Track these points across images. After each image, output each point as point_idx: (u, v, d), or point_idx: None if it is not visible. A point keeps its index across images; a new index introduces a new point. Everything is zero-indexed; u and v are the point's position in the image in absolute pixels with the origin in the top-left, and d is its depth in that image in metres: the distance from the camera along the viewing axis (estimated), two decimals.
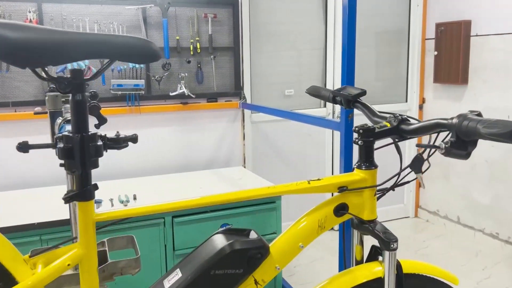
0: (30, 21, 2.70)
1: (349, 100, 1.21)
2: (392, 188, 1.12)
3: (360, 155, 1.08)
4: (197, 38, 3.13)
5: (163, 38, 3.03)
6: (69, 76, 0.85)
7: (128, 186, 2.78)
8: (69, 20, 2.81)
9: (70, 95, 0.84)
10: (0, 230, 1.31)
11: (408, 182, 1.12)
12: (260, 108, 3.26)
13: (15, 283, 0.83)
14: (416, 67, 3.92)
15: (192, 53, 3.13)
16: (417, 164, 1.01)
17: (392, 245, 1.05)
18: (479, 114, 0.89)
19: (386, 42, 3.88)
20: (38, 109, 2.82)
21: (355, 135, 1.06)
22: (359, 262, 1.17)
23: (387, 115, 1.11)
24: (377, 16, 3.80)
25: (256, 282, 1.01)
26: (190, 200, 0.94)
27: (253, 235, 1.03)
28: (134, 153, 3.10)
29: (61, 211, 2.29)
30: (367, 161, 1.07)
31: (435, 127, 0.95)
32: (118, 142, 0.91)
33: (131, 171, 3.09)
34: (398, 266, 1.11)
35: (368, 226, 1.08)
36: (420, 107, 3.98)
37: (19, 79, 2.77)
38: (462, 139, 0.88)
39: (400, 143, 1.11)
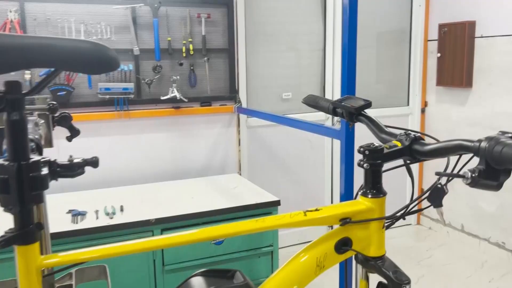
0: (11, 21, 2.52)
1: (352, 113, 1.04)
2: (403, 216, 0.95)
3: (366, 181, 0.90)
4: (189, 39, 2.95)
5: (153, 39, 2.85)
6: (2, 89, 0.67)
7: (117, 195, 2.60)
8: (53, 21, 2.63)
9: (5, 113, 0.67)
10: None
11: (420, 210, 0.94)
12: (256, 113, 3.08)
13: None
14: (418, 69, 3.74)
15: (184, 55, 2.95)
16: (437, 196, 0.83)
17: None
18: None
19: (387, 43, 3.70)
20: None
21: (359, 156, 0.88)
22: None
23: (398, 131, 0.94)
24: (377, 16, 3.62)
25: None
26: (159, 239, 0.77)
27: (238, 278, 0.85)
28: (124, 160, 2.92)
29: None
30: (374, 187, 0.90)
31: (457, 150, 0.78)
32: (72, 169, 0.74)
33: (121, 179, 2.91)
34: None
35: (375, 263, 0.91)
36: (422, 111, 3.81)
37: None
38: (493, 167, 0.71)
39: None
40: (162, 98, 2.91)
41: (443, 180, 0.85)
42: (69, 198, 2.56)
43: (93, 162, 0.78)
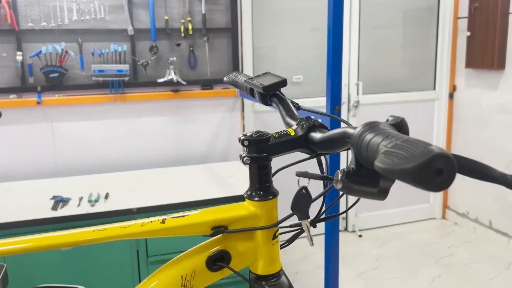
0: (0, 1, 2.45)
1: (263, 94, 0.83)
2: (306, 227, 0.73)
3: (251, 180, 0.70)
4: (188, 18, 2.78)
5: (149, 19, 2.70)
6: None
7: (107, 182, 2.50)
8: (44, 0, 2.53)
9: None
10: None
11: (335, 216, 0.73)
12: None
13: None
14: (446, 50, 3.37)
15: (183, 35, 2.78)
16: (300, 205, 0.61)
17: None
18: (400, 124, 0.48)
19: (414, 22, 3.36)
20: (13, 96, 2.59)
21: (241, 149, 0.68)
22: None
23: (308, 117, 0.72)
24: None
25: None
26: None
27: None
28: (119, 145, 2.82)
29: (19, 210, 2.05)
30: (261, 187, 0.69)
31: (342, 139, 0.56)
32: None
33: (116, 165, 2.81)
34: None
35: (264, 284, 0.71)
36: (451, 96, 3.44)
37: None
38: (368, 168, 0.49)
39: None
40: (159, 80, 2.76)
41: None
42: (60, 183, 2.49)
43: None
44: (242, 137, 0.68)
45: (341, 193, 0.59)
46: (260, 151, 0.67)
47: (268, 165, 0.69)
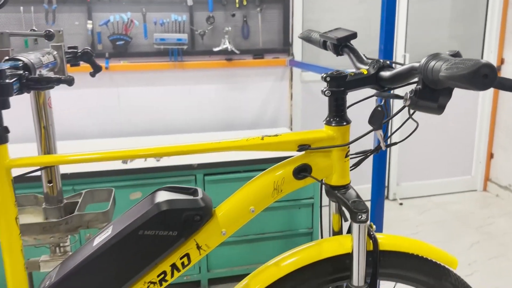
0: None
1: (336, 45, 1.01)
2: (376, 150, 0.92)
3: (329, 109, 0.89)
4: None
5: None
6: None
7: (167, 142, 2.76)
8: None
9: None
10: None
11: (395, 144, 0.91)
12: (309, 66, 3.03)
13: None
14: (496, 22, 3.41)
15: (237, 5, 2.97)
16: (376, 118, 0.79)
17: (360, 216, 0.86)
18: (457, 54, 0.66)
19: None
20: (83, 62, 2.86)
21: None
22: (336, 234, 1.00)
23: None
24: None
25: (198, 247, 0.89)
26: (132, 150, 0.83)
27: (198, 194, 0.90)
28: (176, 110, 3.06)
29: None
30: (338, 115, 0.88)
31: (410, 73, 0.74)
32: (40, 82, 0.82)
33: (172, 128, 3.07)
34: (375, 242, 0.92)
35: (336, 192, 0.91)
36: (498, 69, 3.49)
37: (65, 32, 2.80)
38: (431, 87, 0.67)
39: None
40: (215, 49, 2.97)
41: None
42: (125, 142, 2.77)
43: (67, 81, 0.85)
44: (324, 75, 0.87)
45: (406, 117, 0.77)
46: (338, 86, 0.86)
47: (344, 97, 0.88)
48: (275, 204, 2.49)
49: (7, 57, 0.96)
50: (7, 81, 0.76)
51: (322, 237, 1.00)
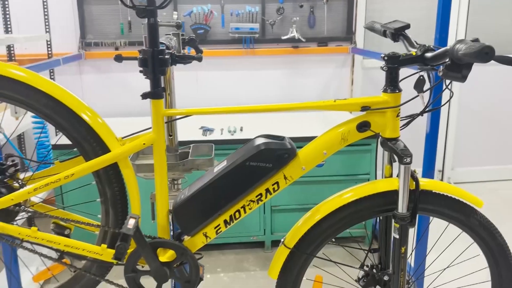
0: None
1: (393, 33, 1.34)
2: (421, 113, 1.26)
3: (386, 80, 1.23)
4: None
5: None
6: (146, 5, 1.16)
7: (238, 119, 3.18)
8: None
9: (147, 19, 1.17)
10: None
11: (436, 108, 1.24)
12: (371, 53, 3.33)
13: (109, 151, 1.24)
14: None
15: None
16: (418, 85, 1.13)
17: (405, 159, 1.20)
18: (476, 40, 0.98)
19: None
20: None
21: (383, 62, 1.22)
22: None
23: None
24: None
25: (285, 177, 1.27)
26: (243, 107, 1.23)
27: (286, 140, 1.28)
28: (247, 92, 3.47)
29: None
30: (392, 85, 1.22)
31: (444, 54, 1.07)
32: (183, 58, 1.23)
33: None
34: (416, 182, 1.26)
35: (388, 143, 1.25)
36: None
37: None
38: (457, 62, 1.00)
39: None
40: (283, 38, 3.35)
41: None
42: (202, 118, 3.21)
43: (199, 58, 1.25)
44: (383, 55, 1.21)
45: (444, 87, 1.11)
46: (393, 63, 1.20)
47: (398, 72, 1.22)
48: (334, 177, 2.85)
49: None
50: (166, 56, 1.18)
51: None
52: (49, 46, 2.97)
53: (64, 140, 2.62)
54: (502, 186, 3.76)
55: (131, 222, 1.20)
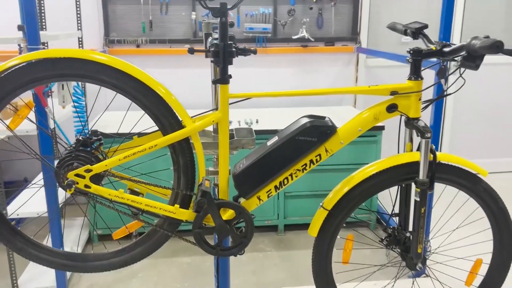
0: None
1: (414, 32, 1.64)
2: (439, 97, 1.56)
3: (411, 70, 1.53)
4: None
5: None
6: (218, 6, 1.44)
7: (253, 113, 3.47)
8: None
9: (219, 18, 1.45)
10: None
11: (450, 94, 1.54)
12: (375, 52, 3.65)
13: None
14: None
15: (315, 0, 3.62)
16: (441, 72, 1.43)
17: (426, 134, 1.50)
18: (487, 37, 1.28)
19: None
20: (187, 46, 3.60)
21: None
22: None
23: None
24: None
25: (326, 150, 1.56)
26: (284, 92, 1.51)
27: (327, 119, 1.57)
28: (260, 87, 3.75)
29: None
30: (415, 74, 1.52)
31: (461, 48, 1.37)
32: (244, 51, 1.51)
33: (257, 103, 3.76)
34: (434, 155, 1.55)
35: (412, 122, 1.55)
36: None
37: (174, 21, 3.55)
38: (472, 54, 1.30)
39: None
40: (293, 37, 3.64)
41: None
42: None
43: (254, 51, 1.53)
44: (409, 49, 1.51)
45: (457, 76, 1.41)
46: (417, 56, 1.50)
47: (420, 63, 1.51)
48: (341, 166, 3.14)
49: (211, 37, 1.65)
50: (233, 49, 1.46)
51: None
52: (80, 42, 3.22)
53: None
54: (498, 177, 4.09)
55: (206, 183, 1.49)
